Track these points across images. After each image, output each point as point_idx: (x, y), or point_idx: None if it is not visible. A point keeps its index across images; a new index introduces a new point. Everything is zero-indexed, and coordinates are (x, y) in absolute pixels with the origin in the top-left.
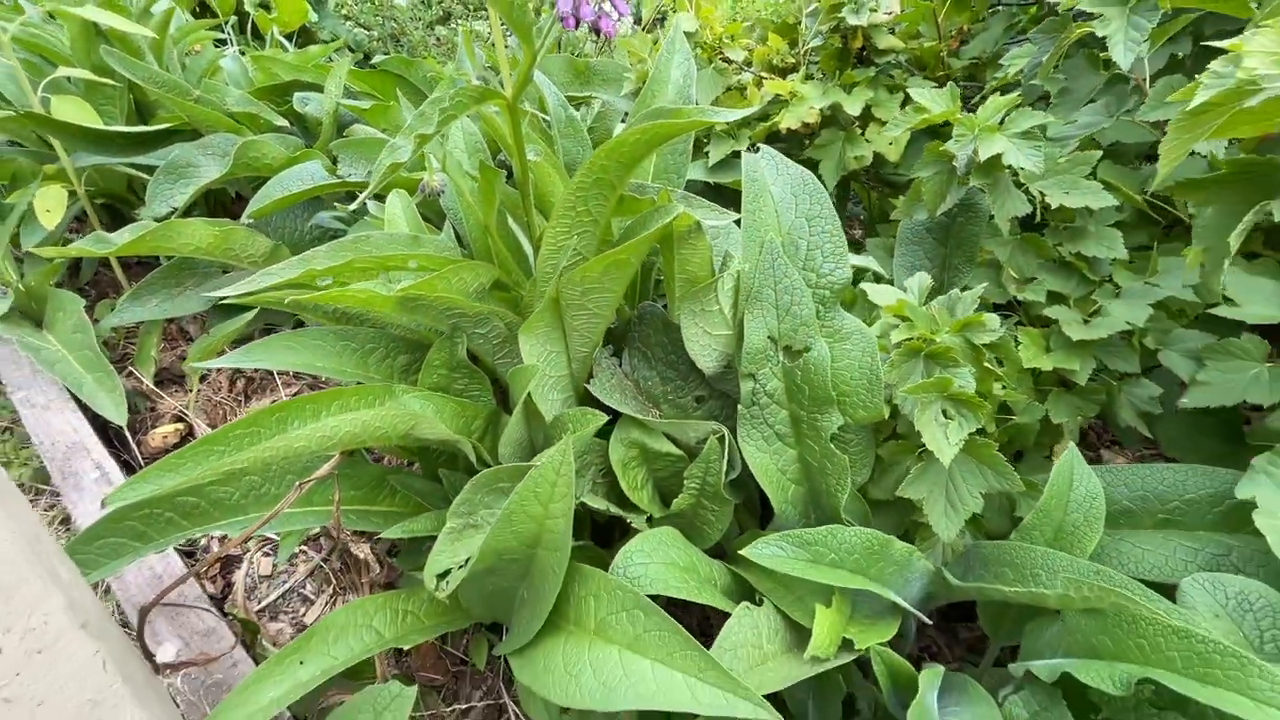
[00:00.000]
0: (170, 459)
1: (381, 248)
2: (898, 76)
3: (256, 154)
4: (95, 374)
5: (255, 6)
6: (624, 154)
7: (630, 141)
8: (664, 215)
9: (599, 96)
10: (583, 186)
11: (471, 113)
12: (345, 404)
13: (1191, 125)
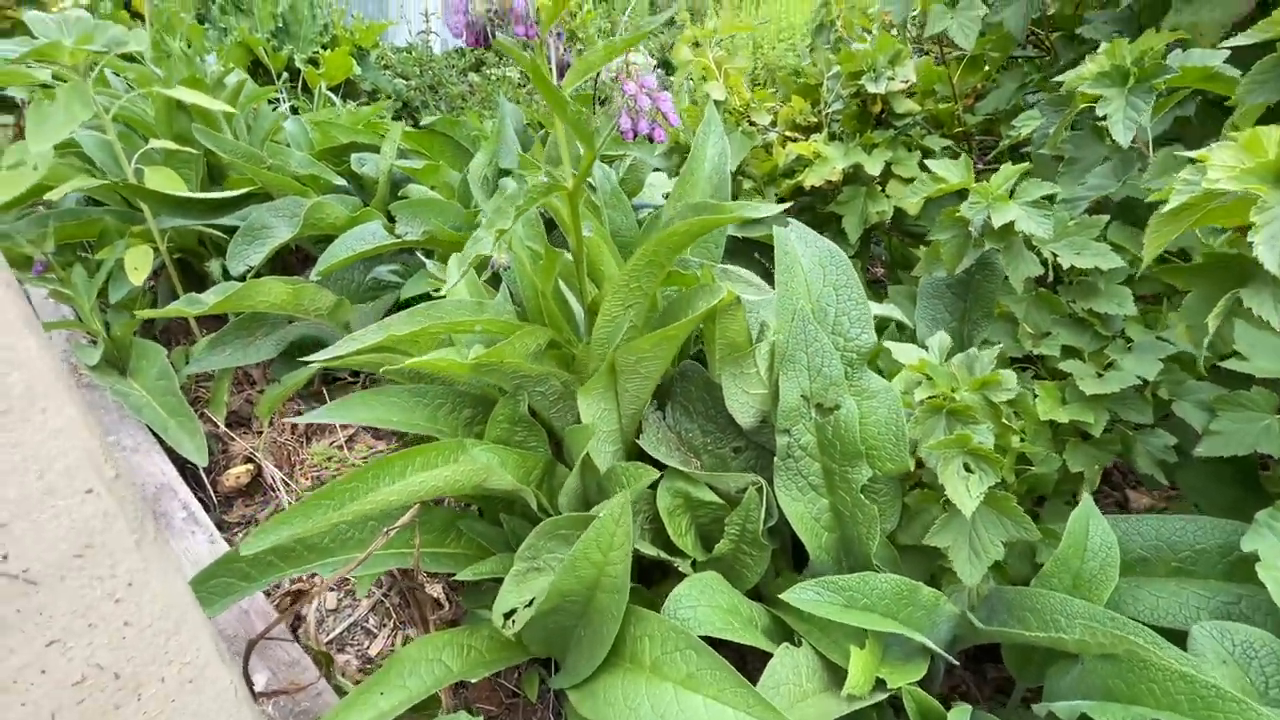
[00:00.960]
0: (286, 514)
1: (451, 313)
2: (915, 135)
3: (321, 215)
4: (178, 418)
5: (305, 63)
6: (673, 242)
7: (679, 232)
8: (709, 297)
9: (630, 154)
10: (636, 268)
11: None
12: (427, 460)
13: (1169, 221)
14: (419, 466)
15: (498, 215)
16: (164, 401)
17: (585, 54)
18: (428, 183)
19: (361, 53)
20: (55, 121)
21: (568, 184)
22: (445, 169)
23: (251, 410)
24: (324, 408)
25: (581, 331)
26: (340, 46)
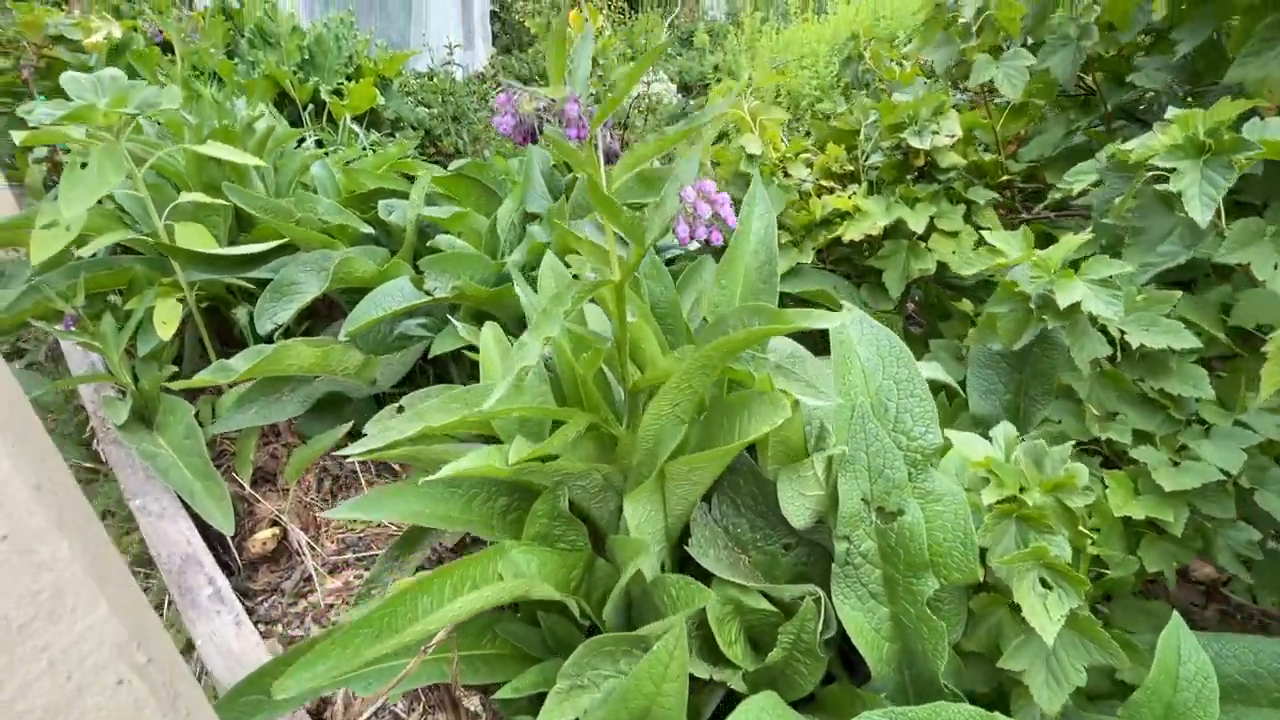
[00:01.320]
0: (322, 648)
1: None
2: (959, 186)
3: (349, 270)
4: (205, 482)
5: (329, 94)
6: (729, 348)
7: (738, 340)
8: (769, 413)
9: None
10: (690, 372)
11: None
12: (467, 575)
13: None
14: (459, 586)
15: (545, 319)
16: (190, 463)
17: (635, 148)
18: (455, 230)
19: (385, 82)
20: (88, 185)
21: (614, 278)
22: (472, 215)
23: (277, 465)
24: (354, 502)
25: (621, 410)
26: (364, 77)
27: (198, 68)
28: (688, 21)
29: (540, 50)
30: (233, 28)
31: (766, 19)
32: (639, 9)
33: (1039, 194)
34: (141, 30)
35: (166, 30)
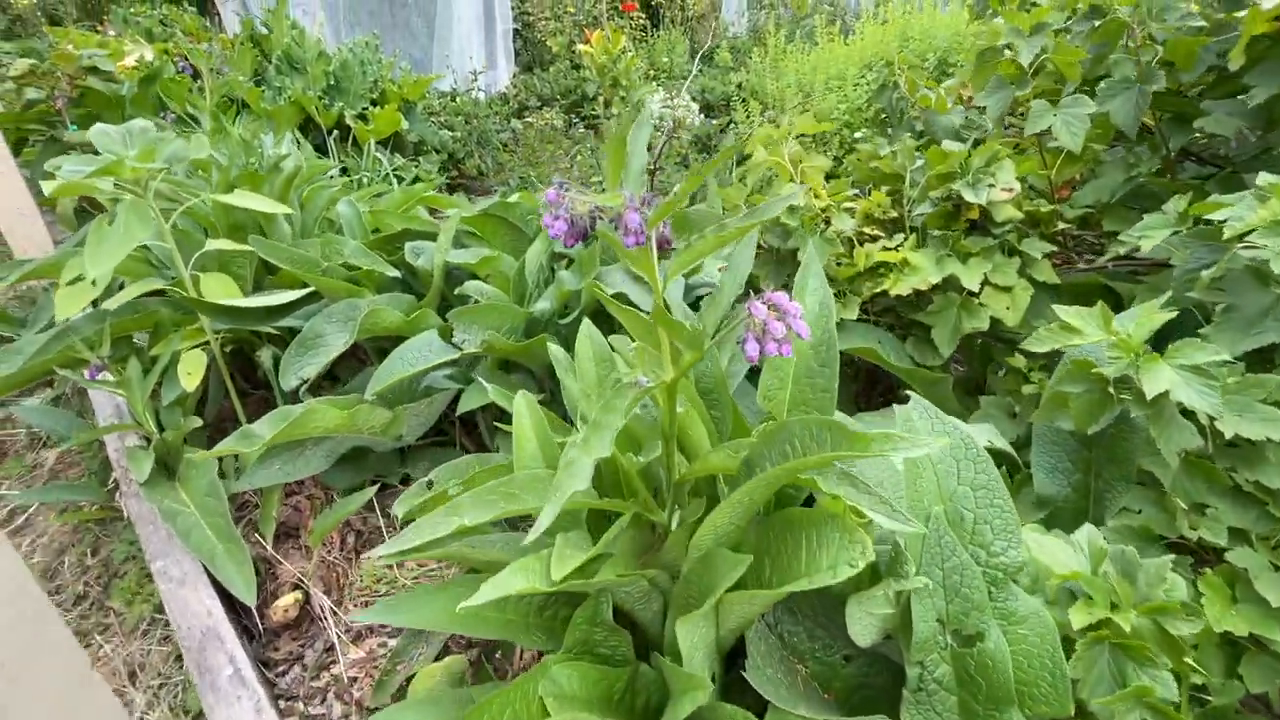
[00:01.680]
0: None
1: (525, 487)
2: (1012, 238)
3: (376, 320)
4: (227, 544)
5: (354, 119)
6: (795, 470)
7: (808, 464)
8: (846, 551)
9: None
10: (753, 489)
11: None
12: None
13: None
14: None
15: (595, 436)
16: (213, 523)
17: (690, 243)
18: (483, 273)
19: (408, 105)
20: (114, 243)
21: (667, 378)
22: (500, 258)
23: (300, 519)
24: (381, 608)
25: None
26: (389, 102)
27: (228, 95)
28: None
29: (560, 69)
30: (260, 54)
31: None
32: (660, 26)
33: (1094, 241)
34: (172, 54)
35: (195, 60)
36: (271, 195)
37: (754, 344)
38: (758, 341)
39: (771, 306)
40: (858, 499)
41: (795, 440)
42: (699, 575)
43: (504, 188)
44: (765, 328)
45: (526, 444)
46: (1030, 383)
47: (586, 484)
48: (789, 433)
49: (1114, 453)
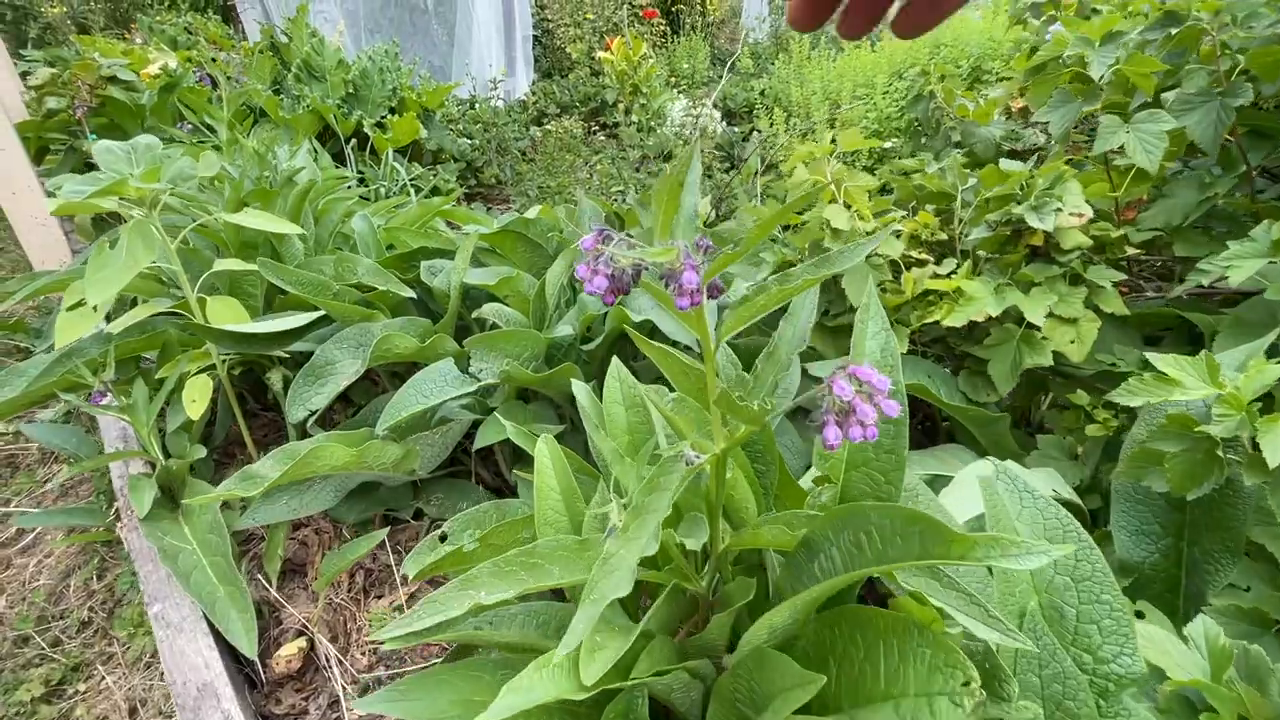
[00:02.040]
0: None
1: (551, 557)
2: (1076, 264)
3: (389, 347)
4: (228, 587)
5: (372, 128)
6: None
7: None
8: (940, 678)
9: (728, 270)
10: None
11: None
12: None
13: None
14: None
15: (637, 525)
16: (214, 563)
17: (745, 301)
18: (502, 294)
19: (427, 114)
20: (116, 268)
21: (718, 449)
22: (519, 278)
23: (307, 555)
24: (386, 693)
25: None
26: (408, 110)
27: (247, 104)
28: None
29: (580, 76)
30: (280, 62)
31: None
32: (680, 33)
33: (1162, 267)
34: (195, 63)
35: (211, 69)
36: (284, 210)
37: (835, 430)
38: (838, 425)
39: (862, 386)
40: (943, 598)
41: (873, 531)
42: (751, 676)
43: (523, 198)
44: (853, 410)
45: (549, 495)
46: (1095, 422)
47: (629, 588)
48: (863, 519)
49: (1215, 518)
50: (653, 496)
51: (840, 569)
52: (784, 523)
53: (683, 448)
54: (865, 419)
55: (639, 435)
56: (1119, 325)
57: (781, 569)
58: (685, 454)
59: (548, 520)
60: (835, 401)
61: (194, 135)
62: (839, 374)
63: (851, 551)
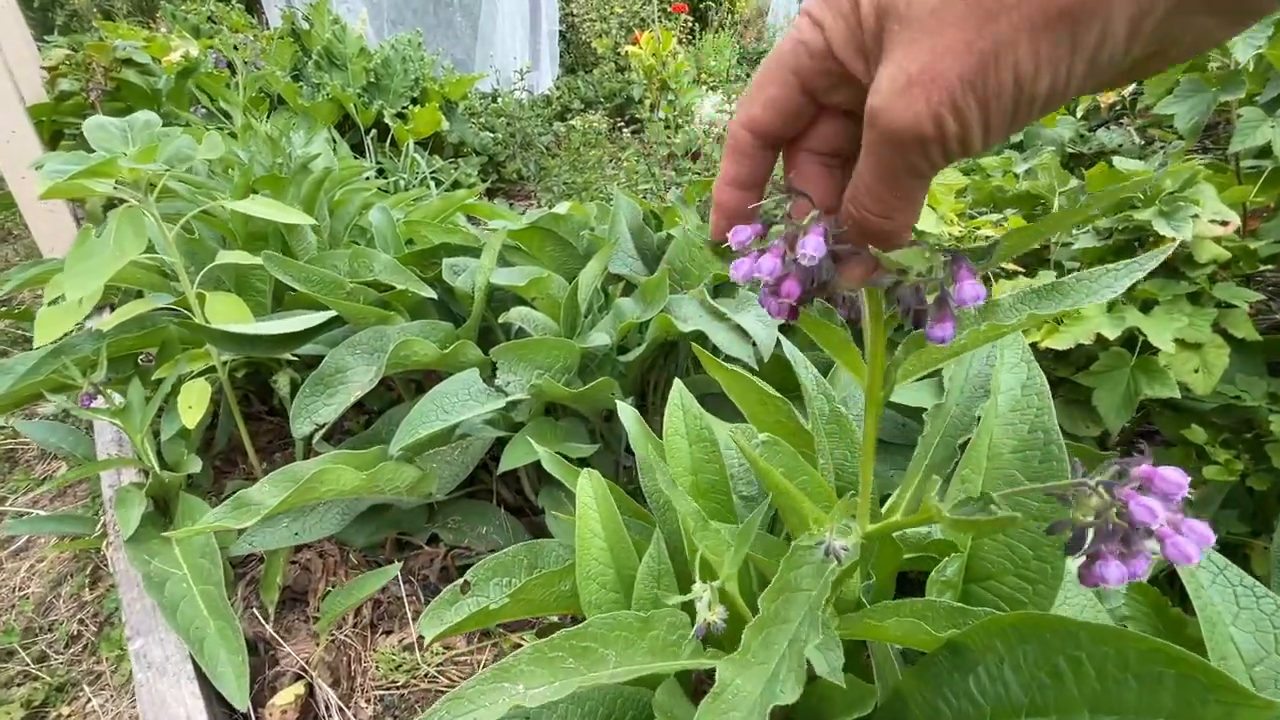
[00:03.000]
0: None
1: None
2: (1203, 281)
3: (407, 353)
4: (218, 622)
5: (393, 118)
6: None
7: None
8: None
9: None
10: None
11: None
12: None
13: None
14: None
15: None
16: (205, 592)
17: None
18: (531, 296)
19: (449, 105)
20: (101, 259)
21: (863, 533)
22: (550, 279)
23: (310, 581)
24: None
25: None
26: (430, 101)
27: (265, 90)
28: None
29: (605, 71)
30: (301, 50)
31: None
32: (707, 29)
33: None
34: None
35: (228, 53)
36: (298, 199)
37: (1118, 568)
38: (1122, 561)
39: (1175, 520)
40: None
41: (1083, 660)
42: None
43: (547, 194)
44: (1145, 532)
45: (592, 544)
46: (1214, 463)
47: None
48: (1063, 638)
49: None
50: (787, 606)
51: (1018, 698)
52: (917, 615)
53: (824, 533)
54: (1181, 552)
55: (704, 476)
56: (1241, 351)
57: (911, 676)
58: (829, 544)
59: (591, 574)
60: (1121, 525)
61: (209, 121)
62: (1136, 493)
63: (1039, 679)
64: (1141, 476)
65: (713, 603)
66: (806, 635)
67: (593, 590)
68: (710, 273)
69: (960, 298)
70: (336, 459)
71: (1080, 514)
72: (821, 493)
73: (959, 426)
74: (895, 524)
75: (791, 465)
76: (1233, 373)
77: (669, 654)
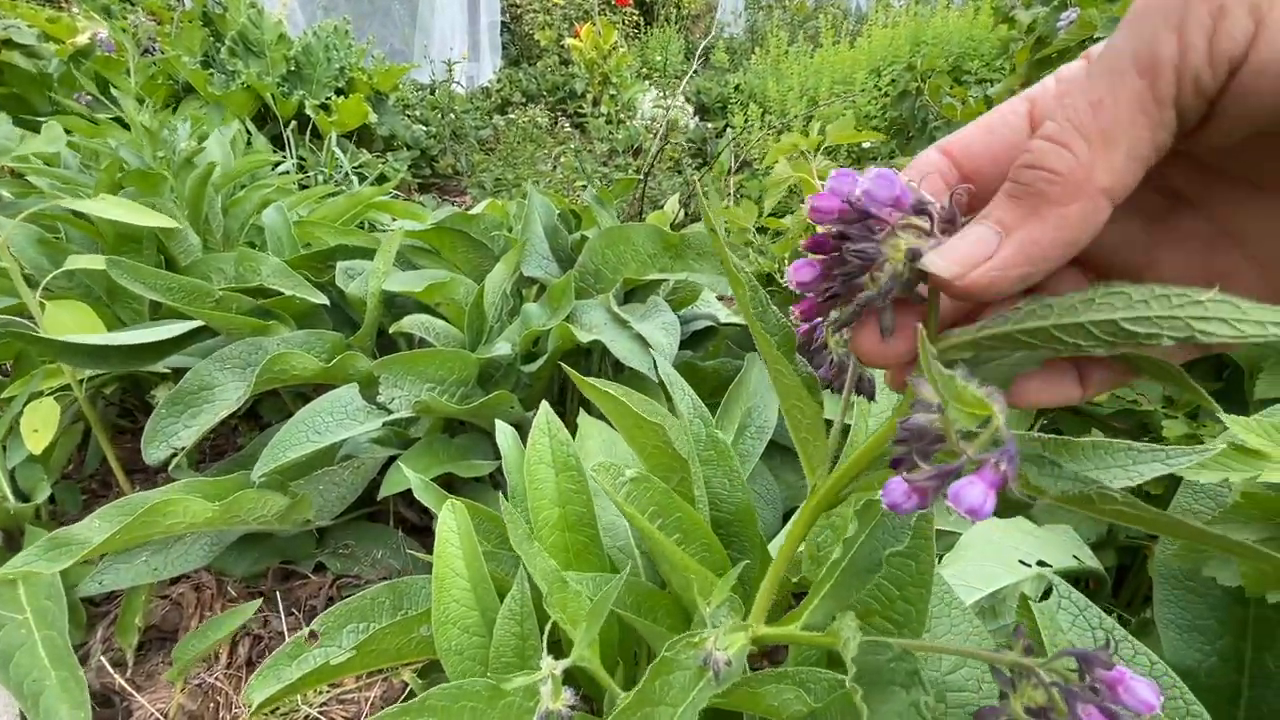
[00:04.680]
0: None
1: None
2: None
3: (284, 368)
4: (60, 672)
5: (315, 109)
6: None
7: None
8: None
9: (696, 279)
10: None
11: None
12: None
13: None
14: None
15: None
16: (46, 638)
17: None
18: (433, 301)
19: (379, 97)
20: None
21: (750, 634)
22: (454, 283)
23: (181, 618)
24: None
25: None
26: (356, 91)
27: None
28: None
29: (548, 64)
30: (211, 34)
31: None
32: (654, 24)
33: None
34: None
35: (115, 35)
36: (182, 197)
37: None
38: None
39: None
40: None
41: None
42: None
43: (477, 190)
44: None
45: (453, 585)
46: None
47: None
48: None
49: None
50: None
51: None
52: (797, 684)
53: (705, 638)
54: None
55: (572, 508)
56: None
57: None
58: (708, 654)
59: (451, 618)
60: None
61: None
62: (1087, 698)
63: None
64: (1108, 682)
65: (556, 690)
66: None
67: (452, 635)
68: (622, 277)
69: (957, 495)
70: (188, 487)
71: (1018, 704)
72: (696, 530)
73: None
74: (793, 637)
75: (664, 503)
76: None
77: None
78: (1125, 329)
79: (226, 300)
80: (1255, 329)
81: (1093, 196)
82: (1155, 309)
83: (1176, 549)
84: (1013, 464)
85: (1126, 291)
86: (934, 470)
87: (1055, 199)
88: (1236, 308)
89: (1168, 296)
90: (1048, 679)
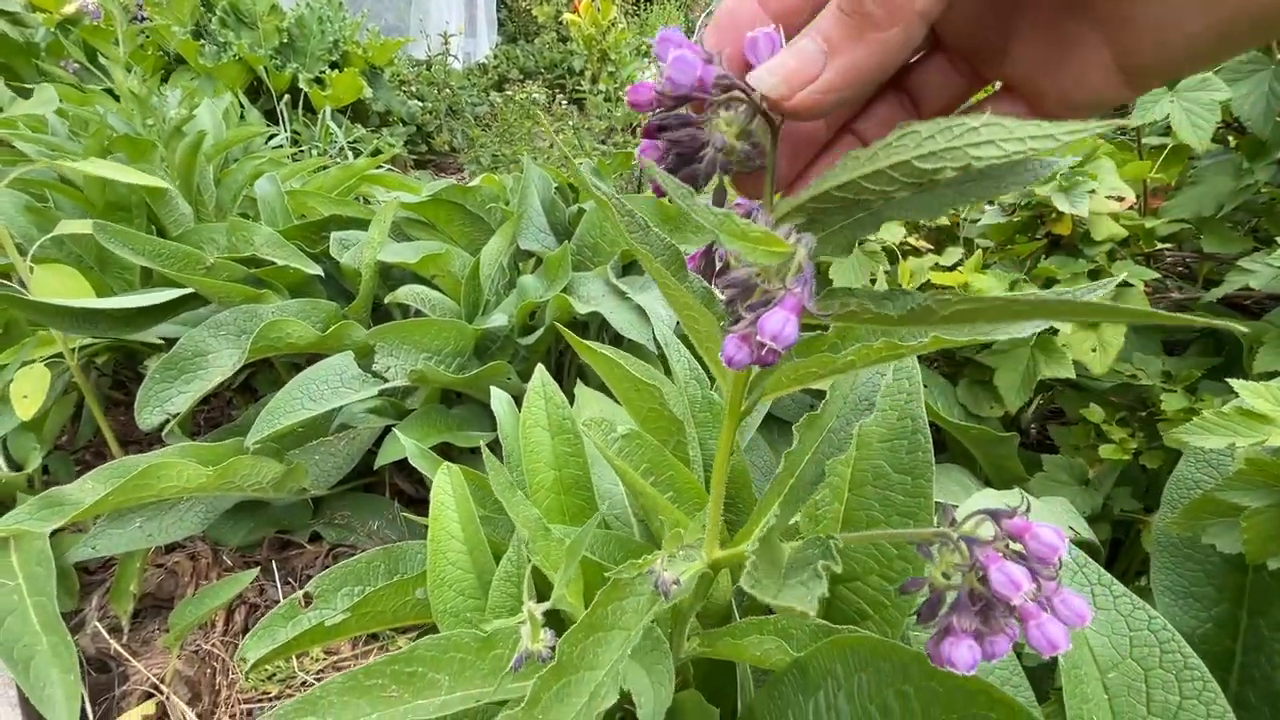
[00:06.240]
0: None
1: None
2: (1101, 259)
3: (279, 335)
4: (51, 637)
5: (309, 83)
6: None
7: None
8: None
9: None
10: None
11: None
12: None
13: None
14: None
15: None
16: (37, 604)
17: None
18: (428, 273)
19: (374, 71)
20: None
21: (710, 557)
22: (450, 254)
23: (176, 585)
24: None
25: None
26: (351, 65)
27: (163, 49)
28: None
29: (546, 41)
30: (202, 2)
31: None
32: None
33: (1187, 264)
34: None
35: (105, 5)
36: (172, 166)
37: (970, 649)
38: (978, 641)
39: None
40: None
41: (910, 695)
42: None
43: (474, 166)
44: (1019, 614)
45: (448, 547)
46: (1110, 442)
47: None
48: (892, 669)
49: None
50: (607, 635)
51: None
52: (780, 633)
53: (653, 561)
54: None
55: (568, 471)
56: (1139, 330)
57: (763, 694)
58: (656, 575)
59: (447, 580)
60: (982, 593)
61: (88, 79)
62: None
63: (869, 713)
64: (1014, 530)
65: (535, 630)
66: (607, 692)
67: (448, 598)
68: (620, 249)
69: (777, 317)
70: (182, 451)
71: (939, 572)
72: (690, 489)
73: (834, 444)
74: (742, 555)
75: (656, 460)
76: (1130, 352)
77: (514, 676)
78: (917, 167)
79: (219, 268)
80: (1017, 145)
81: (911, 20)
82: (940, 142)
83: (1176, 517)
84: (808, 287)
85: (917, 130)
86: (751, 316)
87: (879, 22)
88: (1004, 128)
89: (950, 128)
90: (955, 535)
